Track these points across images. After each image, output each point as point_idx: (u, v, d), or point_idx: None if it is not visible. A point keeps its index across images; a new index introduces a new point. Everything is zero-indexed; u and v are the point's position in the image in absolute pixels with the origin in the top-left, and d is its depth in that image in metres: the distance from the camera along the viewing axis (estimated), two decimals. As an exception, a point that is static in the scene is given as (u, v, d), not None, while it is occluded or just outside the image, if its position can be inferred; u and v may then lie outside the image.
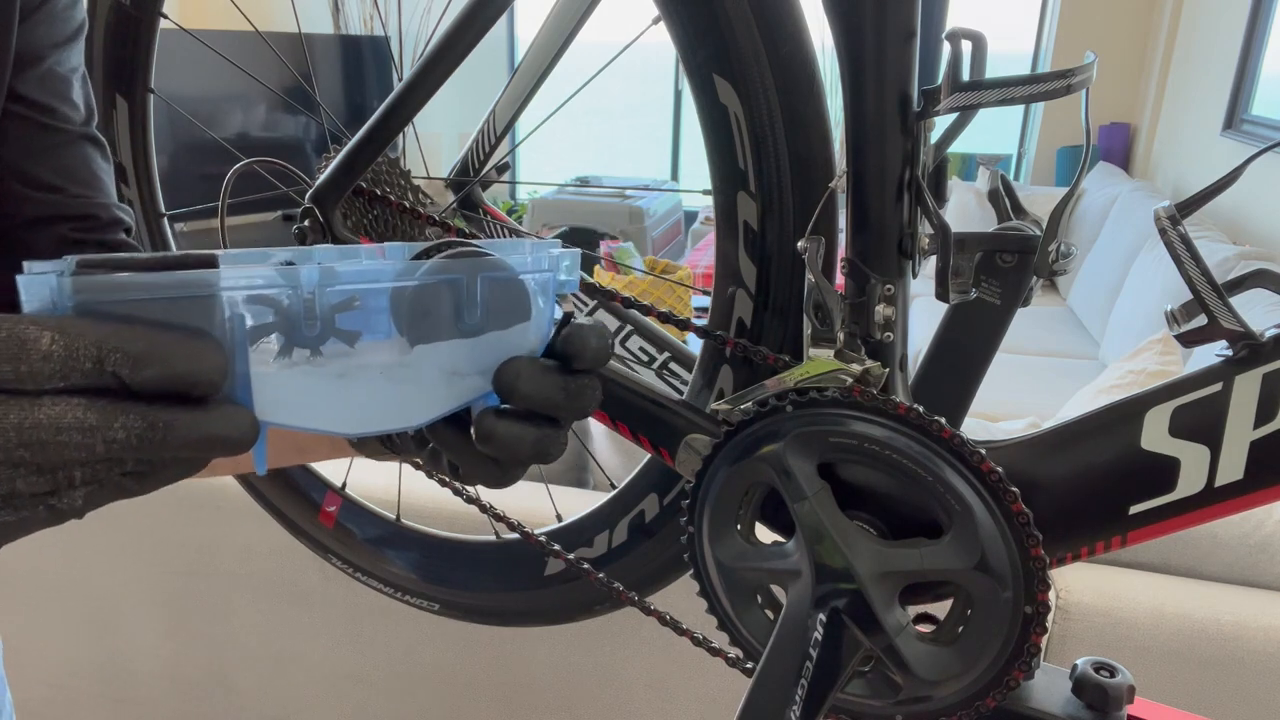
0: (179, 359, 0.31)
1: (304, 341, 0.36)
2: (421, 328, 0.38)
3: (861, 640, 0.50)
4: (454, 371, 0.39)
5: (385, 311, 0.37)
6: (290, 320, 0.35)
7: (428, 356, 0.39)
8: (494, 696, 1.38)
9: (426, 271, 0.38)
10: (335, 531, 0.82)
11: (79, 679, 1.56)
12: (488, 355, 0.40)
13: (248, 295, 0.34)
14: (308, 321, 0.36)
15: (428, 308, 0.38)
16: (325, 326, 0.36)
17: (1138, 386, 0.74)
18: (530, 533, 0.69)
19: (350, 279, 0.36)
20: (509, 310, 0.40)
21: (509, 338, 0.40)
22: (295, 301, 0.35)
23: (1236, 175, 0.42)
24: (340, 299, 0.36)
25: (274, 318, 0.35)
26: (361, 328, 0.37)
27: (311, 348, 0.36)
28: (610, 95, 10.97)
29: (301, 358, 0.36)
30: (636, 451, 0.61)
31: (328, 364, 0.36)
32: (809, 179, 0.54)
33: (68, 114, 0.58)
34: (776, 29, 0.52)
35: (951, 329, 0.53)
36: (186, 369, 0.32)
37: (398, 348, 0.38)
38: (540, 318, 0.40)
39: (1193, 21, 3.98)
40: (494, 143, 0.84)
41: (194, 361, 0.32)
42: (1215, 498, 0.44)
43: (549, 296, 0.41)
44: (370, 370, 0.38)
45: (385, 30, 4.40)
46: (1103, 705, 0.51)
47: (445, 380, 0.39)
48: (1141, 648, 1.10)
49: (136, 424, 0.31)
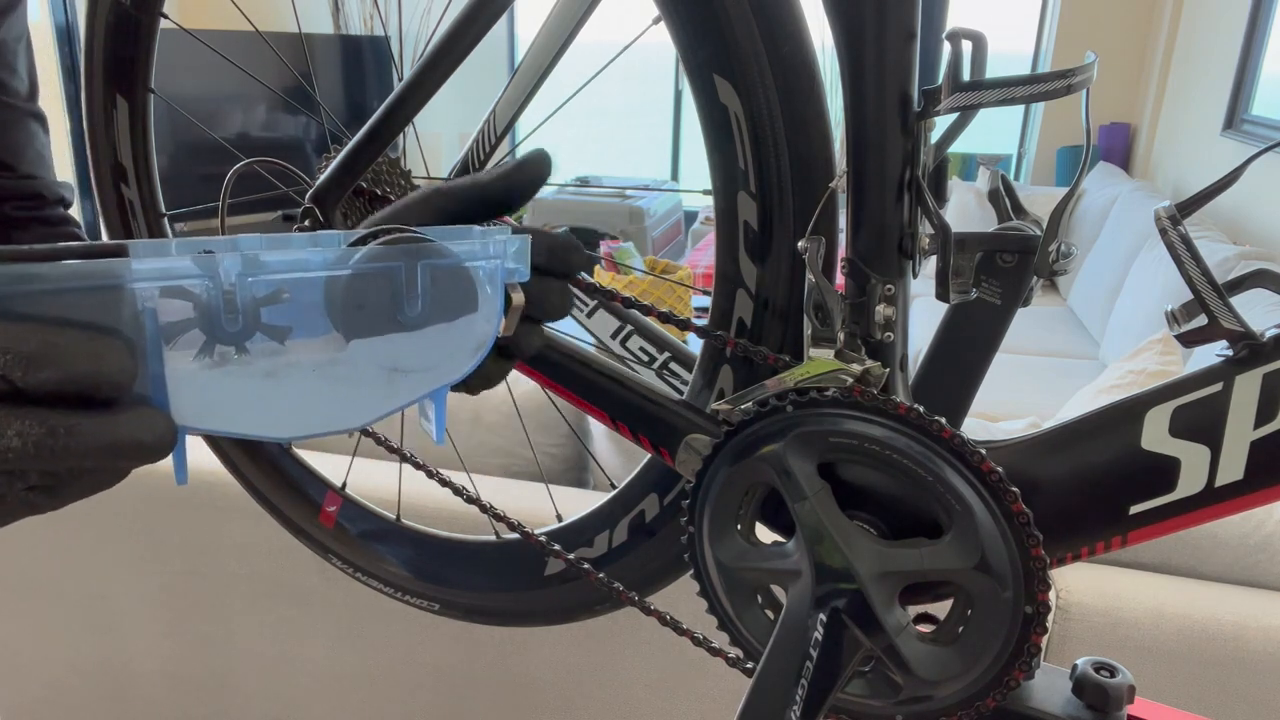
0: (78, 359, 0.29)
1: (227, 338, 0.33)
2: (357, 321, 0.35)
3: (861, 640, 0.50)
4: (395, 368, 0.37)
5: (319, 305, 0.34)
6: (210, 315, 0.32)
7: (365, 352, 0.36)
8: (494, 696, 1.38)
9: (361, 259, 0.35)
10: (335, 531, 0.82)
11: (77, 679, 1.56)
12: (431, 350, 0.37)
13: (161, 288, 0.31)
14: (228, 316, 0.32)
15: (363, 299, 0.35)
16: (250, 321, 0.33)
17: (1138, 386, 0.74)
18: (530, 533, 0.69)
19: (276, 269, 0.33)
20: (454, 301, 0.37)
21: (455, 330, 0.37)
22: (215, 294, 0.32)
23: (1236, 175, 0.42)
24: (266, 291, 0.33)
25: (193, 312, 0.32)
26: (292, 323, 0.34)
27: (236, 345, 0.33)
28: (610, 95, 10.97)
29: (225, 356, 0.33)
30: (636, 451, 0.61)
31: (254, 362, 0.33)
32: (809, 179, 0.54)
33: (15, 87, 0.57)
34: (776, 29, 0.52)
35: (951, 329, 0.53)
36: (87, 369, 0.29)
37: (332, 344, 0.35)
38: (488, 308, 0.38)
39: (1193, 21, 3.98)
40: (494, 143, 0.83)
41: (95, 361, 0.29)
42: (1215, 498, 0.44)
43: (497, 285, 0.38)
44: (302, 369, 0.35)
45: (385, 30, 4.40)
46: (1103, 705, 0.51)
47: (386, 378, 0.37)
48: (1141, 648, 1.10)
49: (34, 430, 0.28)
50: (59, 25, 4.02)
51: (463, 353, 0.38)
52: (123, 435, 0.30)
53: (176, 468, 0.34)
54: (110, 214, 0.83)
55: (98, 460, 0.30)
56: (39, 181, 0.58)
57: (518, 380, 0.62)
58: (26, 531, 1.46)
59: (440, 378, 0.38)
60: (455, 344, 0.38)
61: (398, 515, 0.81)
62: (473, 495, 0.74)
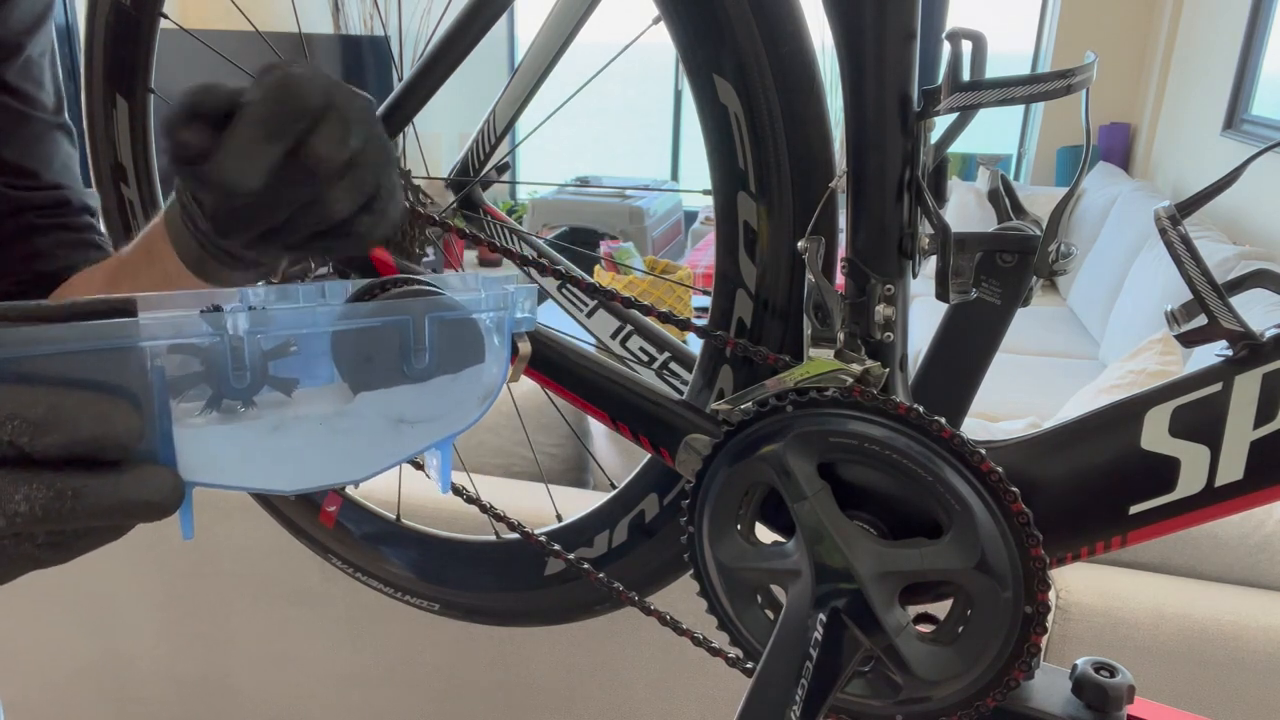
0: (85, 422, 0.29)
1: (234, 393, 0.33)
2: (364, 374, 0.35)
3: (861, 640, 0.49)
4: (401, 419, 0.36)
5: (326, 355, 0.34)
6: (218, 370, 0.32)
7: (372, 404, 0.35)
8: (494, 696, 1.38)
9: (369, 313, 0.35)
10: (335, 531, 0.82)
11: (78, 679, 1.56)
12: (438, 401, 0.37)
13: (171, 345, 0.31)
14: (236, 372, 0.32)
15: (371, 352, 0.35)
16: (258, 375, 0.33)
17: (1138, 386, 0.74)
18: (530, 533, 0.69)
19: (284, 324, 0.33)
20: (461, 352, 0.37)
21: (462, 381, 0.37)
22: (223, 350, 0.32)
23: (1236, 175, 0.42)
24: (274, 344, 0.33)
25: (200, 367, 0.32)
26: (300, 374, 0.34)
27: (243, 399, 0.33)
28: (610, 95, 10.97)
29: (232, 410, 0.33)
30: (636, 451, 0.61)
31: (261, 416, 0.33)
32: (809, 179, 0.54)
33: (43, 101, 0.58)
34: (776, 29, 0.52)
35: (951, 329, 0.53)
36: (93, 433, 0.29)
37: (339, 395, 0.35)
38: (496, 358, 0.38)
39: (1193, 21, 3.98)
40: (494, 143, 0.84)
41: (102, 424, 0.29)
42: (1215, 498, 0.44)
43: (505, 336, 0.38)
44: (309, 422, 0.34)
45: (385, 30, 4.40)
46: (1103, 705, 0.51)
47: (392, 429, 0.36)
48: (1141, 648, 1.10)
49: (41, 494, 0.28)
50: (59, 25, 4.02)
51: (470, 402, 0.38)
52: (129, 495, 0.30)
53: (184, 523, 0.33)
54: (111, 214, 0.83)
55: (105, 520, 0.30)
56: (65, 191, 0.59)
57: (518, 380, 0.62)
58: (26, 531, 1.45)
59: (447, 428, 0.38)
60: (462, 394, 0.37)
61: (398, 515, 0.81)
62: (473, 495, 0.74)
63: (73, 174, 0.60)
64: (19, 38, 0.55)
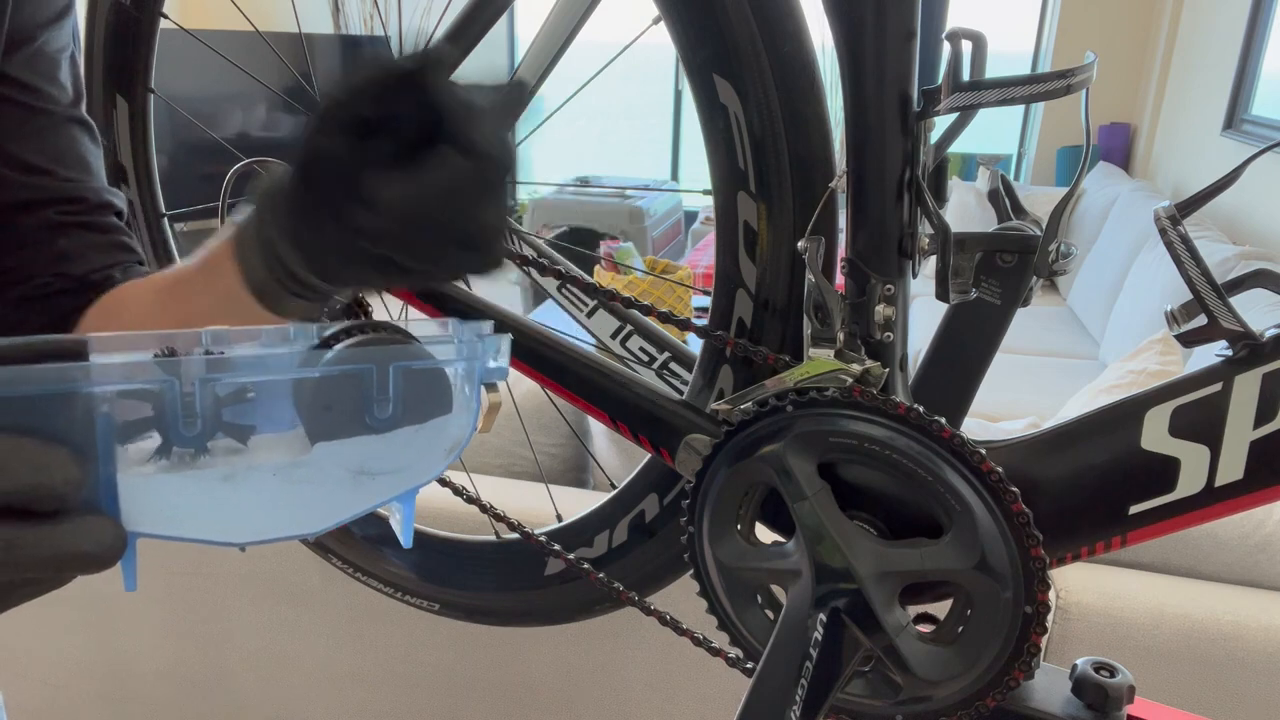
0: (21, 471, 0.27)
1: (184, 440, 0.31)
2: (323, 423, 0.33)
3: (861, 640, 0.49)
4: (361, 471, 0.35)
5: (287, 399, 0.32)
6: (168, 416, 0.30)
7: (330, 455, 0.33)
8: (494, 696, 1.38)
9: (329, 361, 0.33)
10: (335, 531, 0.82)
11: (79, 679, 1.56)
12: (401, 452, 0.35)
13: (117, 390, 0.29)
14: (187, 419, 0.30)
15: (330, 401, 0.33)
16: (210, 423, 0.31)
17: (1138, 386, 0.74)
18: (530, 533, 0.69)
19: (240, 369, 0.31)
20: (426, 402, 0.35)
21: (427, 431, 0.35)
22: (173, 396, 0.30)
23: (1236, 175, 0.42)
24: (229, 390, 0.31)
25: (150, 412, 0.30)
26: (258, 420, 0.32)
27: (195, 446, 0.31)
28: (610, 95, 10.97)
29: (182, 458, 0.31)
30: (636, 451, 0.61)
31: (212, 465, 0.31)
32: (809, 179, 0.54)
33: (55, 95, 0.57)
34: (776, 29, 0.52)
35: (951, 329, 0.53)
36: (29, 482, 0.27)
37: (295, 446, 0.33)
38: (464, 409, 0.36)
39: (1193, 21, 3.98)
40: (494, 143, 0.83)
41: (38, 474, 0.27)
42: (1215, 498, 0.44)
43: (475, 386, 0.36)
44: (262, 472, 0.32)
45: (385, 30, 4.40)
46: (1103, 705, 0.51)
47: (351, 481, 0.34)
48: (1141, 648, 1.10)
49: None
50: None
51: (435, 454, 0.36)
52: (65, 548, 0.28)
53: (125, 574, 0.31)
54: (110, 214, 0.83)
55: (39, 572, 0.28)
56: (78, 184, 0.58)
57: (518, 380, 0.62)
58: (26, 531, 1.45)
59: (410, 480, 0.36)
60: (427, 445, 0.35)
61: (398, 515, 0.81)
62: (473, 495, 0.74)
63: (92, 170, 0.59)
64: (32, 30, 0.55)
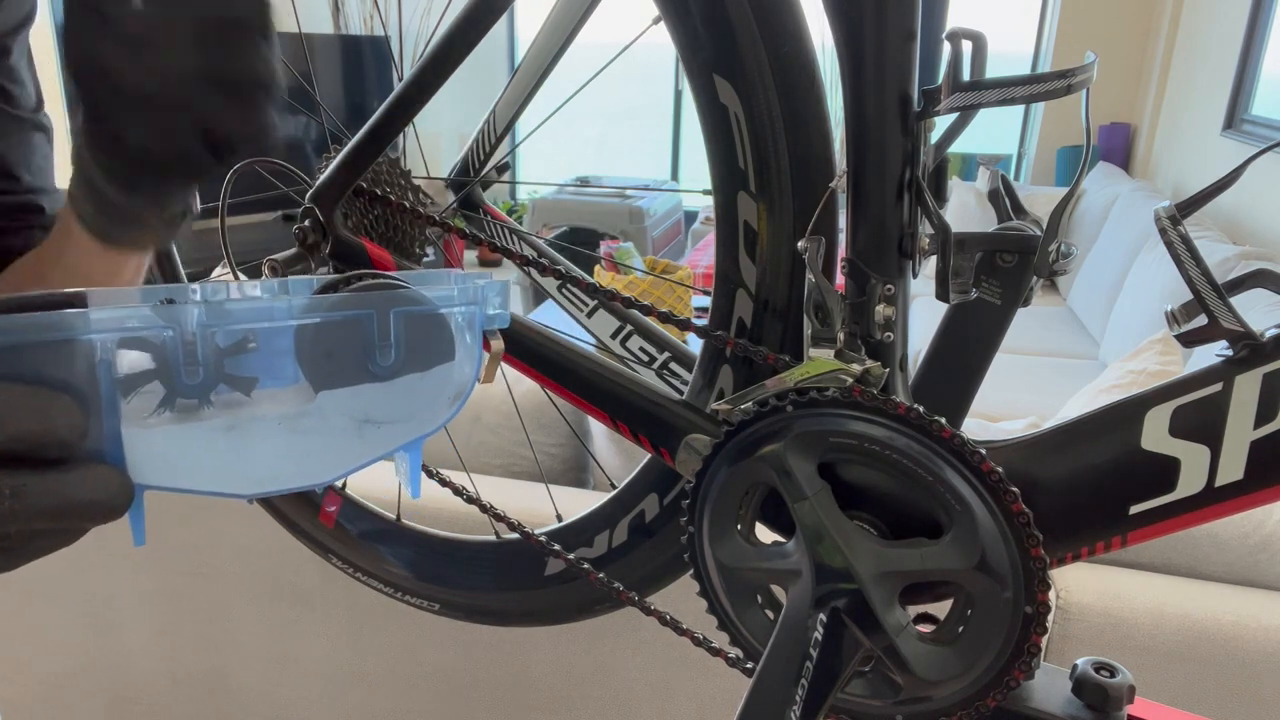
0: (23, 418, 0.27)
1: (187, 390, 0.31)
2: (325, 371, 0.33)
3: (862, 640, 0.49)
4: (366, 420, 0.35)
5: (289, 354, 0.33)
6: (170, 366, 0.31)
7: (334, 404, 0.34)
8: (494, 696, 1.38)
9: (329, 307, 0.33)
10: (335, 531, 0.82)
11: (78, 678, 1.56)
12: (406, 400, 0.35)
13: (120, 339, 0.29)
14: (189, 368, 0.31)
15: (331, 349, 0.33)
16: (212, 372, 0.31)
17: (1138, 386, 0.74)
18: (530, 533, 0.69)
19: (240, 318, 0.31)
20: (429, 349, 0.35)
21: (431, 380, 0.35)
22: (175, 345, 0.30)
23: (1237, 175, 0.42)
24: (231, 340, 0.31)
25: (152, 364, 0.30)
26: (261, 373, 0.32)
27: (198, 398, 0.31)
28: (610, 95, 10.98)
29: (187, 409, 0.31)
30: (636, 451, 0.61)
31: (217, 416, 0.32)
32: (809, 179, 0.54)
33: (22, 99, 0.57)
34: (776, 29, 0.52)
35: (951, 329, 0.53)
36: (32, 428, 0.27)
37: (299, 395, 0.33)
38: (466, 355, 0.36)
39: (1193, 21, 3.98)
40: (494, 143, 0.84)
41: (41, 420, 0.28)
42: (1215, 498, 0.44)
43: (476, 333, 0.36)
44: (266, 422, 0.33)
45: (385, 30, 4.40)
46: (1103, 705, 0.51)
47: (356, 430, 0.35)
48: (1141, 648, 1.10)
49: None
50: (59, 25, 4.03)
51: (440, 402, 0.36)
52: (72, 496, 0.28)
53: (134, 528, 0.32)
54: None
55: (47, 522, 0.28)
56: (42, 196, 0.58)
57: (518, 380, 0.62)
58: (26, 531, 1.45)
59: (415, 429, 0.36)
60: (431, 393, 0.36)
61: (398, 515, 0.81)
62: (473, 495, 0.74)
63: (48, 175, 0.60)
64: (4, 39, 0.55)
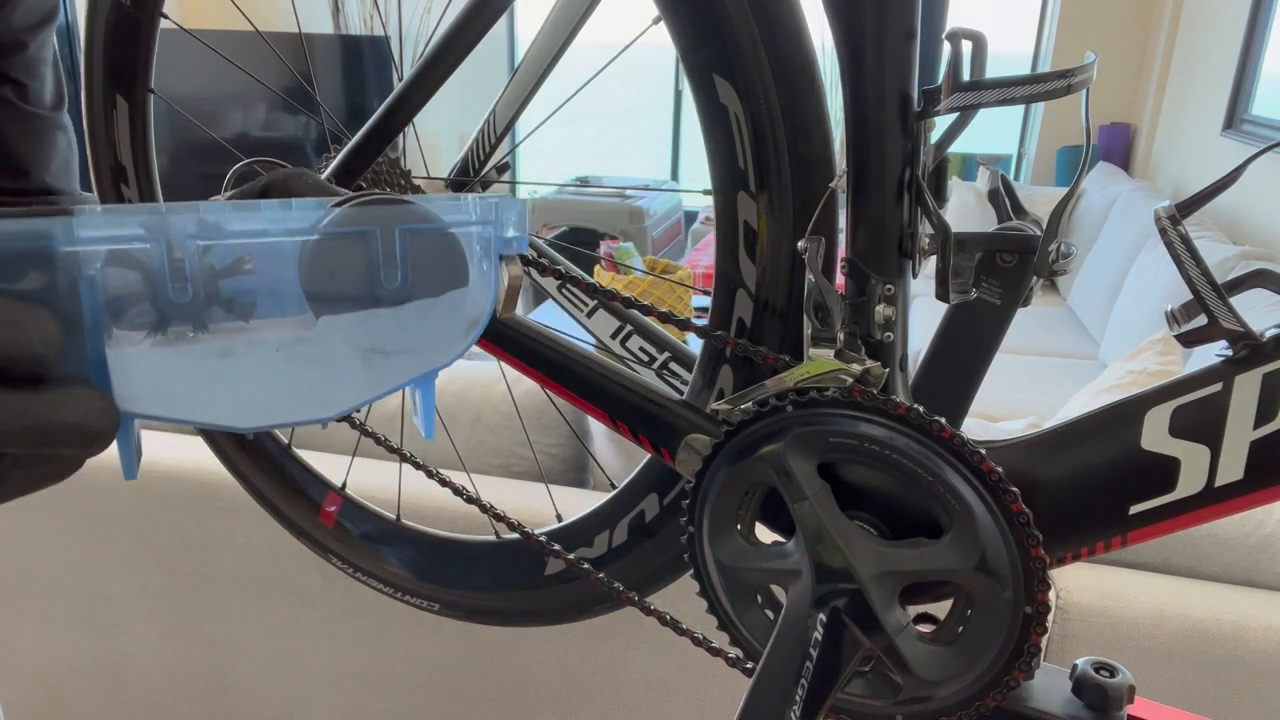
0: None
1: (180, 313, 0.28)
2: (327, 294, 0.30)
3: (861, 640, 0.49)
4: (373, 349, 0.32)
5: (294, 282, 0.30)
6: (159, 282, 0.28)
7: (337, 330, 0.31)
8: (494, 696, 1.38)
9: (330, 223, 0.30)
10: (335, 531, 0.82)
11: (77, 678, 1.56)
12: (416, 329, 0.32)
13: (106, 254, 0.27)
14: (176, 285, 0.28)
15: (332, 269, 0.30)
16: (202, 291, 0.28)
17: (1138, 386, 0.74)
18: (530, 533, 0.69)
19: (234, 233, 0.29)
20: (441, 273, 0.32)
21: (442, 307, 0.32)
22: (162, 258, 0.28)
23: (1236, 175, 0.42)
24: (226, 260, 0.29)
25: (140, 286, 0.28)
26: (259, 300, 0.30)
27: (191, 321, 0.29)
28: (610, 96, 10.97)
29: (180, 334, 0.28)
30: (636, 451, 0.61)
31: (209, 341, 0.29)
32: (809, 179, 0.54)
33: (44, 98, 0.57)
34: (776, 29, 0.52)
35: (952, 329, 0.53)
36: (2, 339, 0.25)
37: (299, 320, 0.30)
38: (482, 283, 0.33)
39: (1193, 21, 3.98)
40: (494, 143, 0.84)
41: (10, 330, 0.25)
42: (1215, 498, 0.44)
43: (492, 257, 0.33)
44: (264, 348, 0.30)
45: (385, 30, 4.40)
46: (1103, 705, 0.51)
47: (362, 361, 0.32)
48: (1141, 648, 1.10)
49: None
50: (59, 25, 4.03)
51: (453, 332, 0.33)
52: (48, 417, 0.26)
53: (123, 459, 0.29)
54: (110, 214, 0.83)
55: (23, 445, 0.26)
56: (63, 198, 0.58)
57: (518, 380, 0.62)
58: (27, 531, 1.46)
59: (426, 362, 0.33)
60: (443, 322, 0.32)
61: (398, 515, 0.81)
62: (473, 495, 0.74)
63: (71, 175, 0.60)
64: (22, 35, 0.55)
